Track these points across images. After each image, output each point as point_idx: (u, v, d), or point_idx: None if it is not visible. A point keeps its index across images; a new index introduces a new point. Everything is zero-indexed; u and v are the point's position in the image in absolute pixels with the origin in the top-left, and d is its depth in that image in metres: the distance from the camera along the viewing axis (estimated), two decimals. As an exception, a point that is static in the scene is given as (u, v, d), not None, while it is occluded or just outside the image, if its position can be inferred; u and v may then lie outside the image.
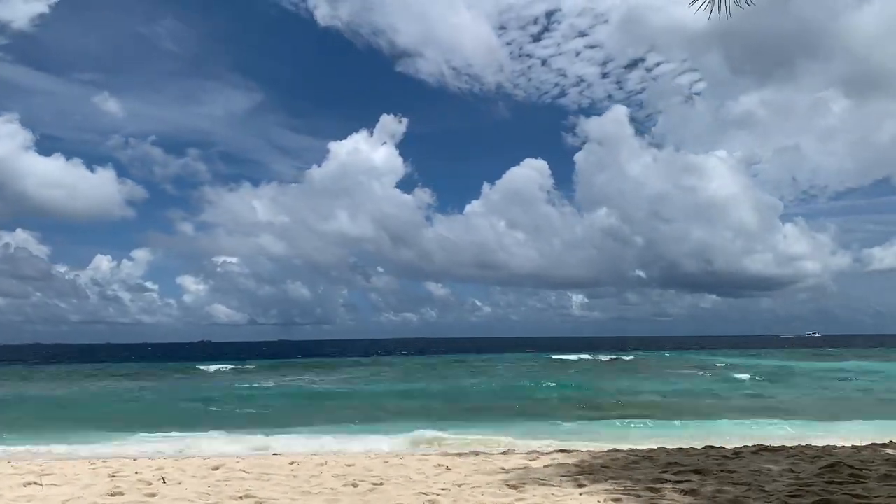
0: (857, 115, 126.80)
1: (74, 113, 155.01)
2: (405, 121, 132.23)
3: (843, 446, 11.28)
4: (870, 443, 11.61)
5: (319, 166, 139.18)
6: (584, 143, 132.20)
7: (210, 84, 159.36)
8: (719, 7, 5.47)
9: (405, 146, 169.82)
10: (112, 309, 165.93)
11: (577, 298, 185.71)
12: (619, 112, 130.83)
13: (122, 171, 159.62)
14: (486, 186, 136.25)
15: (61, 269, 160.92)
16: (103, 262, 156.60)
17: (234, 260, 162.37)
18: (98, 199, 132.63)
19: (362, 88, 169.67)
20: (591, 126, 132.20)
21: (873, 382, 31.33)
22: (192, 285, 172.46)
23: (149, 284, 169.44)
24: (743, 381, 32.81)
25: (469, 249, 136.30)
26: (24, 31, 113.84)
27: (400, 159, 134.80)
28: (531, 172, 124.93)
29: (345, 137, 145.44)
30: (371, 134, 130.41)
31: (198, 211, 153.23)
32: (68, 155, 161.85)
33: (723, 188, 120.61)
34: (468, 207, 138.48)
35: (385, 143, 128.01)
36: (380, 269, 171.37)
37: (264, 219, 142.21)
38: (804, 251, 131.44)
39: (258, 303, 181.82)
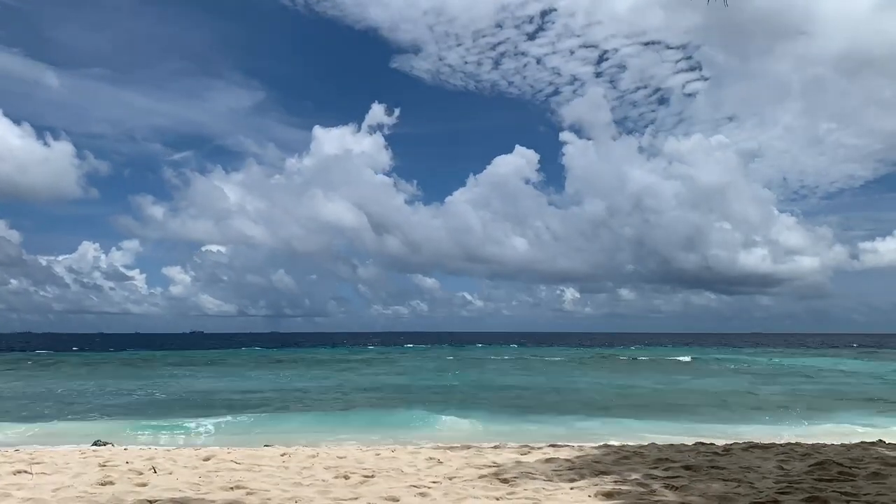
0: (852, 106, 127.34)
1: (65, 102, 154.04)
2: (396, 112, 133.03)
3: (833, 444, 11.36)
4: (859, 441, 11.69)
5: (307, 157, 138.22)
6: (575, 138, 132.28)
7: (213, 82, 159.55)
8: None
9: (397, 140, 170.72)
10: (97, 298, 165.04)
11: (570, 294, 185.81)
12: (612, 107, 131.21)
13: (109, 160, 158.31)
14: (477, 176, 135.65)
15: (43, 257, 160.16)
16: (90, 250, 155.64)
17: (222, 250, 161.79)
18: (81, 187, 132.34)
19: (360, 85, 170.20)
20: (582, 121, 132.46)
21: None
22: (179, 275, 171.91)
23: (135, 274, 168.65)
24: None
25: (461, 242, 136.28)
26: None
27: (391, 152, 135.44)
28: (520, 160, 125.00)
29: (336, 128, 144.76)
30: (360, 127, 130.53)
31: (185, 201, 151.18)
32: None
33: (716, 184, 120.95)
34: (458, 197, 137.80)
35: (374, 133, 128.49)
36: (372, 263, 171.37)
37: (255, 209, 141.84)
38: (799, 247, 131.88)
39: (248, 294, 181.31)
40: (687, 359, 52.38)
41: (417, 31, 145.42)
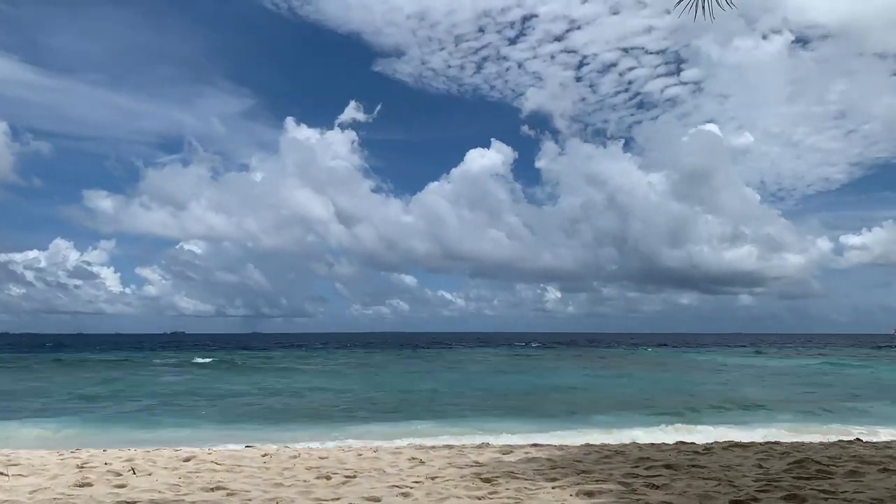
0: (828, 110, 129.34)
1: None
2: (375, 111, 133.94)
3: (812, 443, 11.49)
4: (837, 440, 11.83)
5: (283, 155, 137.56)
6: (555, 139, 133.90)
7: (202, 87, 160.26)
8: (702, 7, 5.45)
9: (381, 141, 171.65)
10: (74, 297, 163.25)
11: (551, 294, 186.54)
12: (592, 110, 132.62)
13: (88, 160, 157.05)
14: (453, 172, 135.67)
15: (7, 254, 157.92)
16: (62, 247, 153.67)
17: (197, 250, 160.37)
18: (51, 184, 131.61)
19: (345, 88, 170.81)
20: (563, 123, 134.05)
21: None
22: (154, 275, 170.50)
23: (110, 273, 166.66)
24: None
25: (442, 240, 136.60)
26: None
27: (374, 153, 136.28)
28: (497, 155, 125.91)
29: (317, 129, 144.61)
30: (335, 126, 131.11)
31: (161, 200, 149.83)
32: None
33: (698, 184, 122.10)
34: (436, 193, 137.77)
35: (353, 132, 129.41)
36: (352, 262, 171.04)
37: (231, 209, 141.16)
38: (780, 246, 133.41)
39: (225, 293, 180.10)
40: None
41: (400, 36, 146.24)
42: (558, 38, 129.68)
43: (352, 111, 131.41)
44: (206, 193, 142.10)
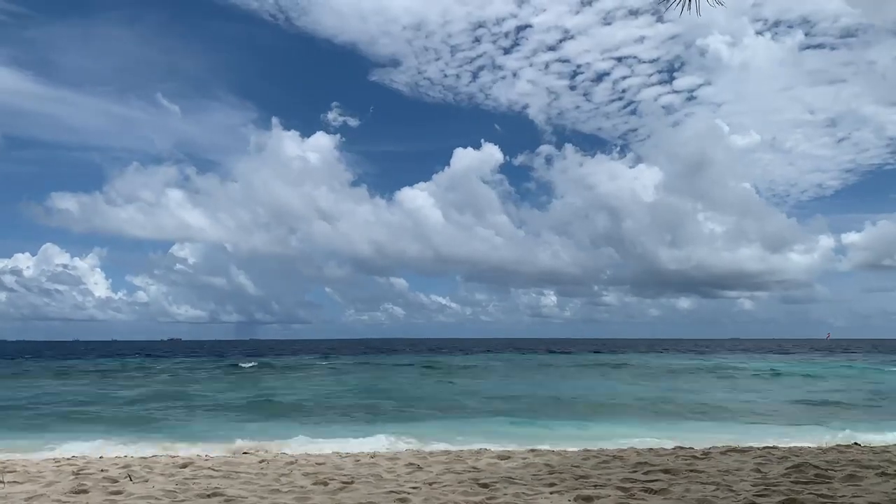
0: (818, 118, 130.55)
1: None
2: (372, 123, 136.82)
3: (810, 447, 11.48)
4: (834, 444, 11.83)
5: (274, 161, 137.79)
6: (553, 145, 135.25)
7: (202, 101, 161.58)
8: (689, 6, 5.46)
9: (377, 149, 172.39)
10: (67, 304, 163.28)
11: (548, 298, 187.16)
12: (586, 118, 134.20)
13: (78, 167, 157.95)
14: (453, 177, 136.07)
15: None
16: (53, 252, 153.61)
17: (190, 257, 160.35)
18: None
19: (341, 98, 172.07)
20: (560, 130, 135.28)
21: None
22: (147, 281, 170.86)
23: (102, 279, 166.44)
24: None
25: (438, 245, 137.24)
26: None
27: (365, 160, 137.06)
28: (489, 158, 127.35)
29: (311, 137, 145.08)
30: (333, 136, 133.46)
31: (153, 207, 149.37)
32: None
33: (694, 189, 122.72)
34: (431, 195, 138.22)
35: (345, 140, 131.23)
36: (348, 268, 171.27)
37: (221, 215, 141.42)
38: (776, 251, 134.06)
39: (219, 300, 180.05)
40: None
41: (396, 46, 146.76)
42: (552, 48, 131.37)
43: (346, 119, 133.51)
44: (203, 201, 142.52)
